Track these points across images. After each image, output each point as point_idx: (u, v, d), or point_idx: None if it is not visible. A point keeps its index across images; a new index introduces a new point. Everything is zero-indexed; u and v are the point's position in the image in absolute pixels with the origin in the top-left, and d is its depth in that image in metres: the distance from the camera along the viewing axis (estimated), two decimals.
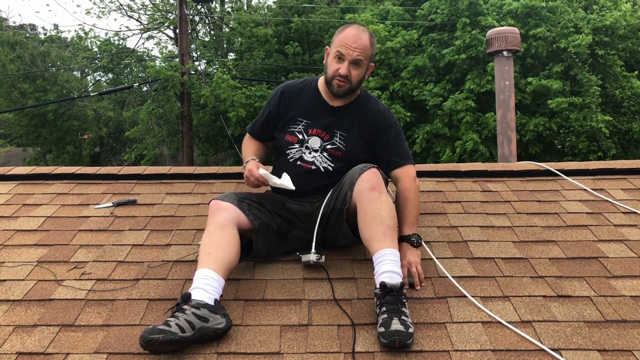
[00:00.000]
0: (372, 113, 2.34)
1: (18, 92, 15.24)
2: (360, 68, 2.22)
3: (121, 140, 16.80)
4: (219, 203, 2.12)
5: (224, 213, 2.07)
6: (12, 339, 1.78)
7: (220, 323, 1.75)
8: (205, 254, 1.94)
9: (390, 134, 2.33)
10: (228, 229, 2.03)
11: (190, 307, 1.73)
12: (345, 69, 2.19)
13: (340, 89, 2.24)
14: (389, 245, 1.94)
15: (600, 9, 11.31)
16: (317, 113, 2.33)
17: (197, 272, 1.89)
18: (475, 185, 3.00)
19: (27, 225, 2.59)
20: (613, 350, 1.70)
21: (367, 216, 2.00)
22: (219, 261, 1.92)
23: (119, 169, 3.24)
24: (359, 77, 2.24)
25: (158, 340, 1.62)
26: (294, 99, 2.38)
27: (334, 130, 2.30)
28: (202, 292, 1.80)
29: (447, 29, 11.44)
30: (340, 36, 2.23)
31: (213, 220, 2.06)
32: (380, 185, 2.05)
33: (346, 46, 2.18)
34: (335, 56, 2.22)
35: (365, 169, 2.10)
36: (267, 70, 13.41)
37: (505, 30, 5.75)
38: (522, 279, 2.09)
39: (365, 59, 2.22)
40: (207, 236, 2.01)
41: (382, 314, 1.76)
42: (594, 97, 10.03)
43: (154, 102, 12.41)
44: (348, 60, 2.19)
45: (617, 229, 2.47)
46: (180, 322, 1.68)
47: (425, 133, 10.60)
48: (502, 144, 5.62)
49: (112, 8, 17.98)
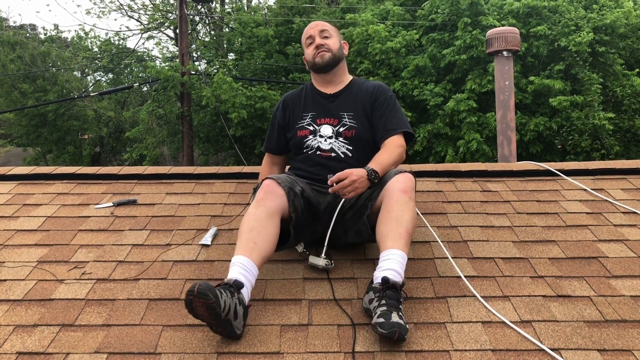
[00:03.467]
0: (370, 88, 2.44)
1: (18, 92, 15.24)
2: (330, 37, 2.42)
3: (121, 140, 16.79)
4: (275, 186, 2.07)
5: (277, 200, 2.04)
6: (13, 338, 1.79)
7: (238, 329, 1.75)
8: (250, 241, 1.92)
9: (386, 105, 2.39)
10: (276, 220, 2.01)
11: (238, 297, 1.74)
12: (319, 40, 2.40)
13: (323, 58, 2.39)
14: (401, 247, 1.93)
15: (600, 8, 11.31)
16: (319, 104, 2.43)
17: (241, 259, 1.87)
18: (475, 185, 3.00)
19: (28, 225, 2.59)
20: (613, 350, 1.70)
21: (391, 214, 2.00)
22: (262, 254, 1.92)
23: (119, 169, 3.25)
24: (335, 45, 2.41)
25: (208, 301, 1.61)
26: (296, 103, 2.49)
27: (340, 113, 2.39)
28: (247, 290, 1.82)
29: (447, 29, 11.44)
30: (304, 32, 2.48)
31: (266, 204, 2.01)
32: (412, 191, 2.07)
33: (309, 31, 2.44)
34: (306, 45, 2.44)
35: (400, 172, 2.13)
36: (268, 71, 13.41)
37: (505, 30, 5.74)
38: (522, 278, 2.09)
39: (330, 30, 2.44)
40: (256, 220, 1.97)
41: (382, 307, 1.75)
42: (595, 95, 10.03)
43: (154, 102, 12.40)
44: (316, 35, 2.41)
45: (617, 229, 2.47)
46: (228, 301, 1.68)
47: (427, 132, 10.60)
48: (502, 144, 5.62)
49: (112, 8, 18.00)
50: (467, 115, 10.15)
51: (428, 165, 3.33)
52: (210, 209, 2.77)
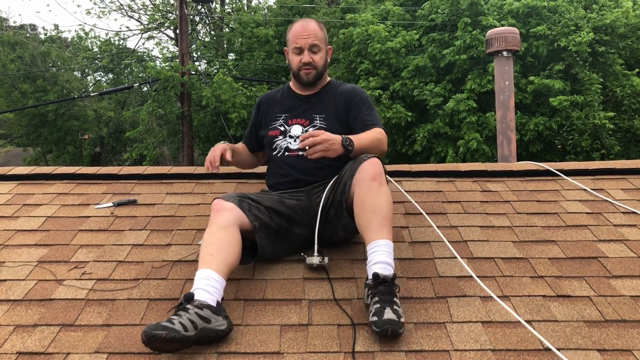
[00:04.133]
0: (344, 91, 2.48)
1: (18, 92, 15.24)
2: (319, 52, 2.40)
3: (121, 140, 16.79)
4: (222, 203, 2.11)
5: (226, 214, 2.07)
6: (13, 338, 1.79)
7: (222, 325, 1.75)
8: (207, 255, 1.94)
9: (361, 105, 2.42)
10: (231, 230, 2.03)
11: (193, 307, 1.73)
12: (307, 57, 2.38)
13: (308, 76, 2.42)
14: (385, 236, 1.95)
15: (600, 8, 11.31)
16: (293, 105, 2.49)
17: (199, 272, 1.88)
18: (475, 185, 3.00)
19: (28, 225, 2.59)
20: (613, 350, 1.70)
21: (365, 206, 2.01)
22: (221, 262, 1.92)
23: (119, 169, 3.25)
24: (321, 60, 2.42)
25: (161, 337, 1.60)
26: (270, 104, 2.56)
27: (312, 114, 2.43)
28: (204, 293, 1.80)
29: (447, 29, 11.44)
30: (291, 32, 2.43)
31: (216, 220, 2.06)
32: (381, 176, 2.06)
33: (299, 37, 2.38)
34: (294, 52, 2.41)
35: (366, 159, 2.11)
36: (268, 71, 13.41)
37: (504, 30, 5.74)
38: (522, 278, 2.09)
39: (320, 42, 2.40)
40: (209, 236, 2.01)
41: (375, 304, 1.78)
42: (595, 95, 10.03)
43: (155, 102, 12.40)
44: (306, 49, 2.37)
45: (616, 229, 2.47)
46: (184, 320, 1.67)
47: (427, 132, 10.60)
48: (502, 144, 5.62)
49: (113, 8, 17.95)
50: (467, 115, 10.16)
51: (428, 165, 3.33)
52: (210, 209, 2.76)
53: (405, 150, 11.09)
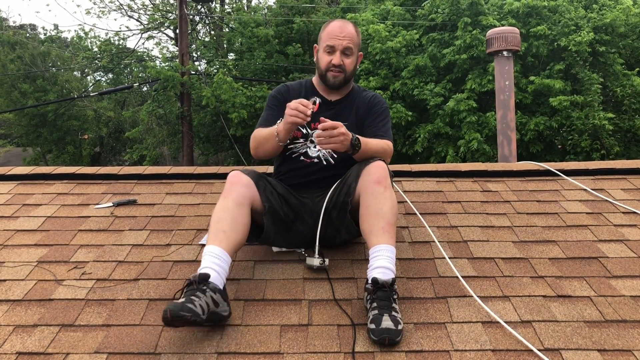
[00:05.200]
0: (367, 99, 2.42)
1: (18, 92, 15.24)
2: (351, 56, 2.31)
3: (121, 140, 16.79)
4: (240, 176, 2.08)
5: (243, 190, 2.04)
6: (12, 338, 1.78)
7: (225, 311, 1.80)
8: (220, 231, 1.93)
9: (379, 115, 2.37)
10: (245, 209, 2.01)
11: (209, 289, 1.75)
12: (338, 59, 2.28)
13: (335, 79, 2.32)
14: (387, 241, 1.94)
15: (600, 7, 11.31)
16: (319, 109, 2.35)
17: (210, 248, 1.89)
18: (475, 185, 3.00)
19: (27, 225, 2.59)
20: (613, 350, 1.70)
21: (369, 210, 2.00)
22: (232, 241, 1.93)
23: (119, 169, 3.24)
24: (351, 65, 2.33)
25: (187, 319, 1.64)
26: (295, 97, 2.38)
27: (337, 121, 2.32)
28: (217, 275, 1.82)
29: (447, 29, 11.44)
30: (327, 30, 2.32)
31: (232, 194, 2.02)
32: (386, 180, 2.05)
33: (334, 37, 2.27)
34: (325, 51, 2.30)
35: (371, 162, 2.10)
36: (268, 71, 13.40)
37: (505, 30, 5.74)
38: (522, 279, 2.09)
39: (355, 46, 2.31)
40: (222, 210, 1.98)
41: (373, 310, 1.78)
42: (595, 95, 10.03)
43: (154, 102, 12.40)
44: (339, 50, 2.28)
45: (617, 229, 2.47)
46: (202, 303, 1.70)
47: (427, 132, 10.60)
48: (502, 144, 5.62)
49: (112, 8, 17.97)
50: (467, 115, 10.16)
51: (428, 165, 3.33)
52: (210, 209, 2.75)
53: (405, 150, 11.10)
